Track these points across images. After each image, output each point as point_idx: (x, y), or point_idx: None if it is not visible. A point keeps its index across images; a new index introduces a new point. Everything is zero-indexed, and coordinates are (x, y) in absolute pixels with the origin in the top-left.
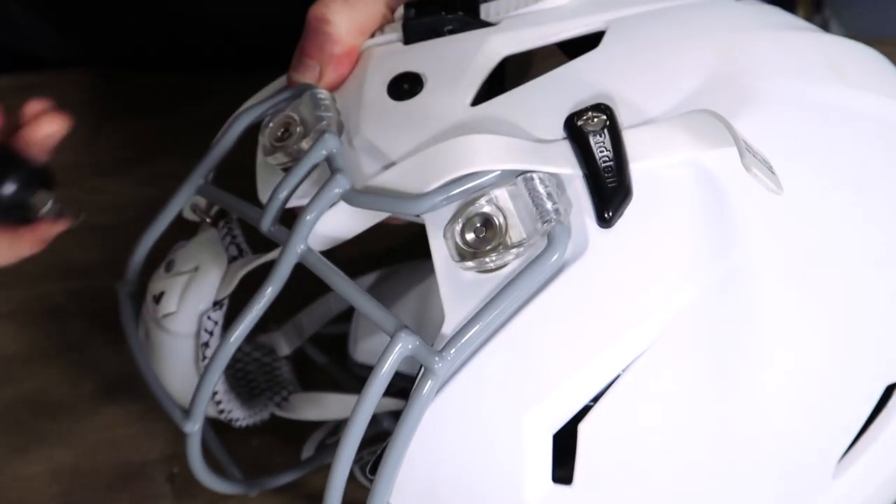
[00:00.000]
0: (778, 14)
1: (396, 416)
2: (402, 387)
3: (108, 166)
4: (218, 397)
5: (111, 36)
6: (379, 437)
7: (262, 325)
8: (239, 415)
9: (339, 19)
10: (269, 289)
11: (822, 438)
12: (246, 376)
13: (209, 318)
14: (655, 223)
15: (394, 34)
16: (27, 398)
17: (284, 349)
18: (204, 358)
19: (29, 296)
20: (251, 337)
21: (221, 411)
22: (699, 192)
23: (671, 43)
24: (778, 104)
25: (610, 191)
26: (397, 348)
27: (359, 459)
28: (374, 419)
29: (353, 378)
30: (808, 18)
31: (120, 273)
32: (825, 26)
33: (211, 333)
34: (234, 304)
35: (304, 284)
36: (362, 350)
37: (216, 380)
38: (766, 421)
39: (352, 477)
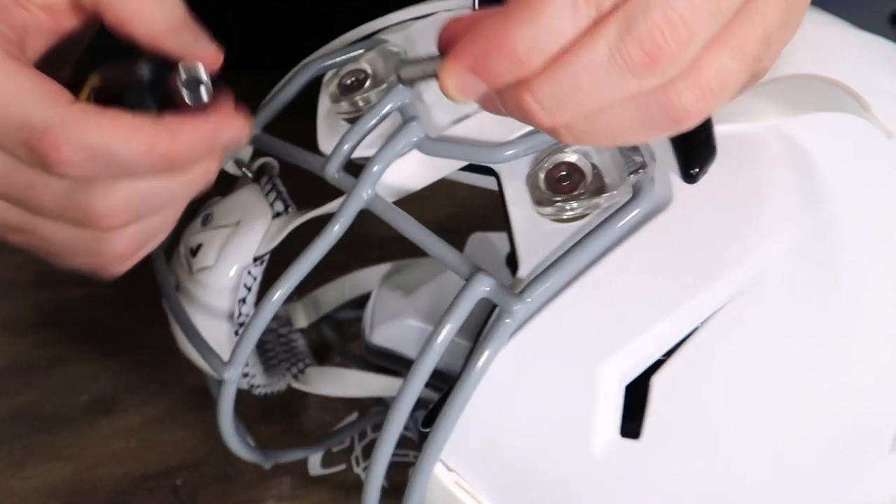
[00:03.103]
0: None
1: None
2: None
3: None
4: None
5: None
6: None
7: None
8: (260, 381)
9: None
10: (336, 227)
11: (887, 409)
12: (263, 346)
13: (249, 273)
14: (741, 178)
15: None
16: (22, 411)
17: (302, 321)
18: (240, 314)
19: (22, 305)
20: None
21: (246, 374)
22: (783, 152)
23: None
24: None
25: (695, 148)
26: (474, 288)
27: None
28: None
29: (365, 363)
30: None
31: (118, 281)
32: None
33: (249, 289)
34: (274, 265)
35: (315, 271)
36: (379, 334)
37: (264, 326)
38: (842, 382)
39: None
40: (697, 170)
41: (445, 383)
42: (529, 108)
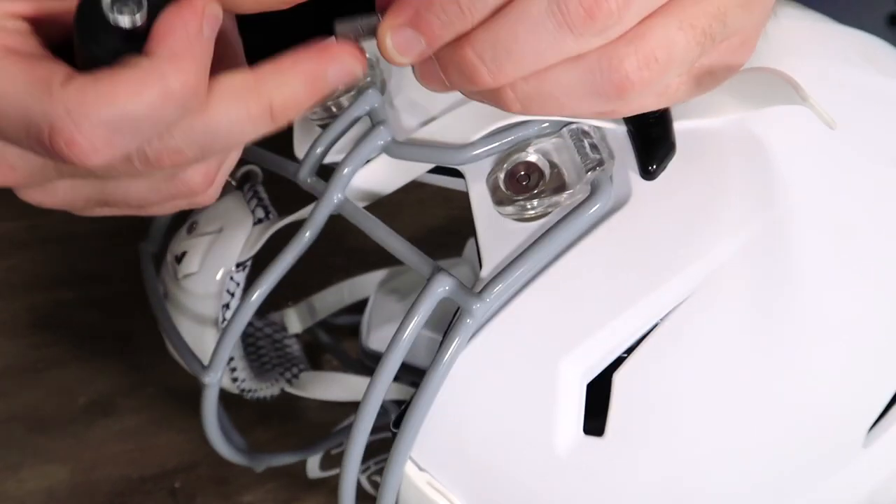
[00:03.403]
0: (813, 11)
1: (399, 404)
2: (412, 380)
3: None
4: (233, 363)
5: None
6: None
7: (277, 303)
8: (252, 385)
9: None
10: (307, 233)
11: (855, 406)
12: (257, 351)
13: (232, 279)
14: (698, 175)
15: None
16: (19, 414)
17: (296, 326)
18: (224, 320)
19: (17, 307)
20: (263, 312)
21: (235, 379)
22: (743, 148)
23: None
24: (815, 81)
25: (654, 144)
26: (434, 288)
27: (365, 469)
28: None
29: (362, 367)
30: None
31: (114, 283)
32: None
33: (233, 294)
34: (258, 268)
35: (316, 275)
36: (375, 338)
37: (241, 329)
38: (802, 379)
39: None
40: (655, 166)
41: None
42: (470, 63)
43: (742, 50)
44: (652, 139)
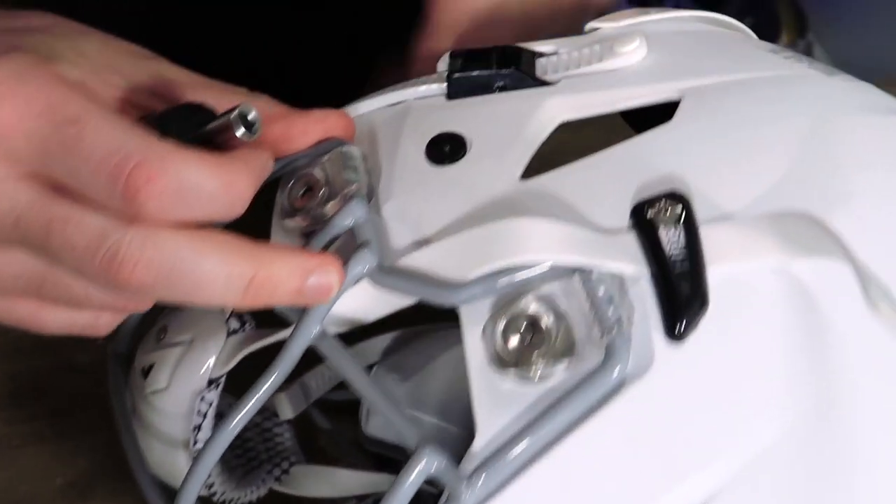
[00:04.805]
0: (871, 93)
1: None
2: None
3: None
4: (210, 479)
5: None
6: None
7: None
8: (233, 495)
9: None
10: (273, 377)
11: None
12: (243, 444)
13: (203, 398)
14: (736, 340)
15: (435, 86)
16: None
17: (288, 413)
18: (195, 442)
19: None
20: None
21: (213, 493)
22: (790, 305)
23: (755, 124)
24: (875, 202)
25: (683, 299)
26: (418, 468)
27: None
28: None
29: (363, 452)
30: (792, 43)
31: (97, 350)
32: (808, 51)
33: (204, 416)
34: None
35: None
36: (375, 424)
37: (206, 475)
38: None
39: None
40: (683, 326)
41: None
42: None
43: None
44: (680, 291)
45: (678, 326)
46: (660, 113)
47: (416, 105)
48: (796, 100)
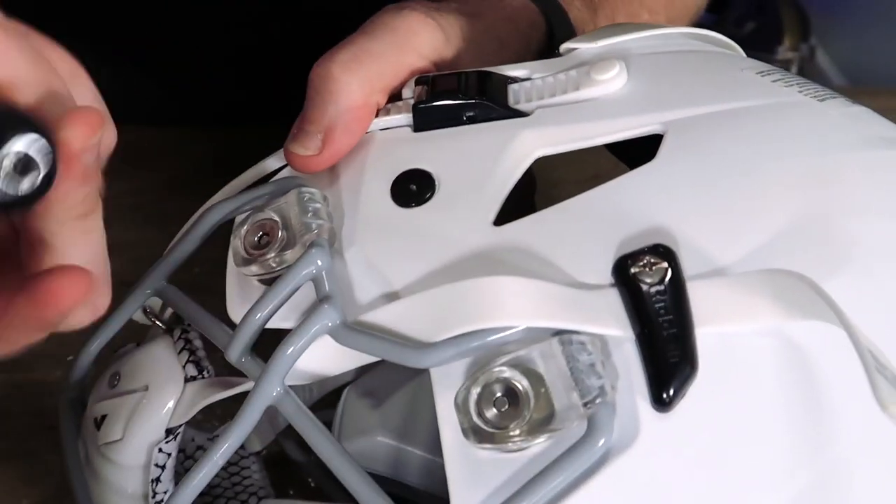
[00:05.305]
0: (869, 123)
1: None
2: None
3: None
4: None
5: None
6: None
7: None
8: None
9: (347, 76)
10: (230, 440)
11: None
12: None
13: (160, 450)
14: (727, 409)
15: (402, 116)
16: None
17: (255, 445)
18: (154, 494)
19: None
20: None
21: None
22: (785, 369)
23: (747, 166)
24: (878, 254)
25: (670, 365)
26: None
27: None
28: None
29: (335, 482)
30: (796, 47)
31: (65, 369)
32: (811, 55)
33: (163, 468)
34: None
35: None
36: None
37: None
38: None
39: None
40: (672, 394)
41: None
42: None
43: None
44: (667, 356)
45: (665, 394)
46: (646, 142)
47: (380, 137)
48: (790, 137)
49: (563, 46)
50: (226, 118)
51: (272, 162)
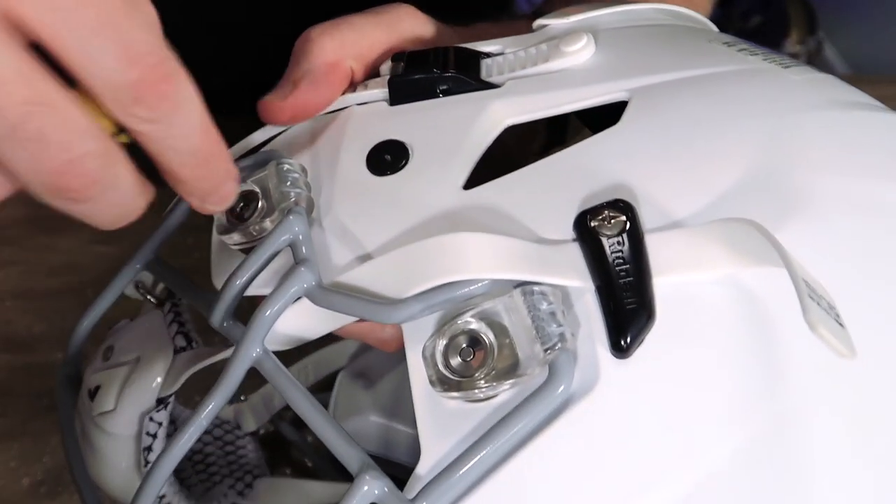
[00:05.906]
0: (834, 87)
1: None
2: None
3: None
4: (166, 500)
5: None
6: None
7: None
8: None
9: (322, 38)
10: (214, 401)
11: None
12: (205, 459)
13: (152, 419)
14: (684, 355)
15: (378, 91)
16: None
17: (251, 424)
18: (146, 463)
19: None
20: None
21: None
22: (740, 316)
23: (708, 125)
24: (833, 207)
25: (628, 313)
26: (359, 494)
27: None
28: None
29: (330, 461)
30: (802, 41)
31: (65, 348)
32: (819, 49)
33: (154, 436)
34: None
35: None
36: None
37: (161, 484)
38: None
39: None
40: (629, 341)
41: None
42: None
43: None
44: (625, 304)
45: (623, 341)
46: (614, 110)
47: (357, 111)
48: (751, 98)
49: (536, 23)
50: (218, 110)
51: (258, 135)
